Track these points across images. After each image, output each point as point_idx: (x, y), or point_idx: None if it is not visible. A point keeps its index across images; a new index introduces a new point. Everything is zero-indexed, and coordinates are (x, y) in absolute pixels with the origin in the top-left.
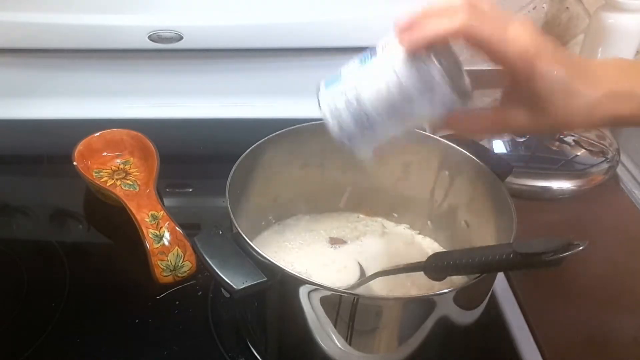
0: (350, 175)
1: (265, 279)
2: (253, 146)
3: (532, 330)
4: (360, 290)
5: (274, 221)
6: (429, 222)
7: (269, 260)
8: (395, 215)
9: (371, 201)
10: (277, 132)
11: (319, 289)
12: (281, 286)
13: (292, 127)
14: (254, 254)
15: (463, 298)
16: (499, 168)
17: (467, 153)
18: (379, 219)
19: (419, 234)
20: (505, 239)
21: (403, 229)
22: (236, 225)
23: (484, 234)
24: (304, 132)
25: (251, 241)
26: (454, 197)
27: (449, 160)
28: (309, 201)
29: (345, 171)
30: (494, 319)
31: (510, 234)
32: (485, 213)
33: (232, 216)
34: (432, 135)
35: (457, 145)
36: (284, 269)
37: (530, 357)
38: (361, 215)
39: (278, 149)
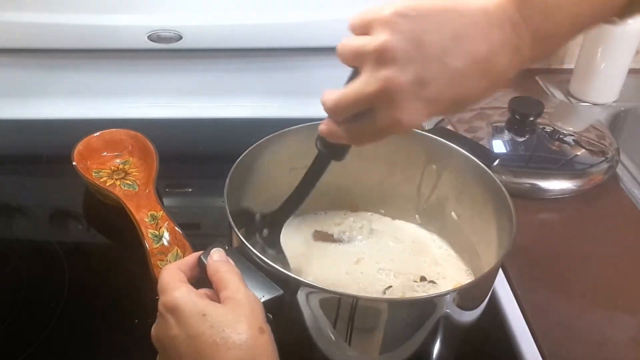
0: (335, 174)
1: (282, 292)
2: (251, 147)
3: (532, 330)
4: (360, 293)
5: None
6: (416, 216)
7: (284, 273)
8: (382, 211)
9: (358, 199)
10: (274, 134)
11: (318, 291)
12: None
13: (287, 129)
14: (265, 266)
15: (463, 299)
16: (483, 157)
17: (453, 145)
18: (367, 214)
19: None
20: (503, 223)
21: (390, 221)
22: (236, 231)
23: (476, 222)
24: (293, 134)
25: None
26: (442, 189)
27: (435, 154)
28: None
29: (329, 171)
30: (494, 318)
31: (505, 219)
32: (477, 203)
33: (230, 218)
34: (417, 131)
35: (443, 139)
36: (300, 280)
37: (530, 357)
38: (348, 213)
39: (276, 150)
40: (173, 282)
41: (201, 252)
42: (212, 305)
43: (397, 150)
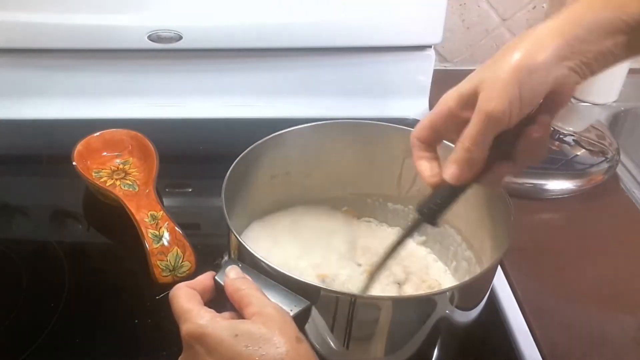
0: (315, 178)
1: (308, 302)
2: (251, 147)
3: (532, 330)
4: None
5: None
6: (399, 206)
7: (307, 283)
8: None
9: (339, 195)
10: (273, 134)
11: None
12: None
13: (287, 130)
14: (284, 278)
15: (462, 297)
16: None
17: None
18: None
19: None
20: (500, 220)
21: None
22: (234, 232)
23: (476, 227)
24: (293, 135)
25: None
26: (422, 182)
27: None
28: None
29: (309, 175)
30: (493, 318)
31: (502, 215)
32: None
33: (227, 219)
34: (393, 125)
35: None
36: (323, 288)
37: (530, 357)
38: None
39: (276, 150)
40: (192, 307)
41: (212, 272)
42: (241, 323)
43: (375, 146)
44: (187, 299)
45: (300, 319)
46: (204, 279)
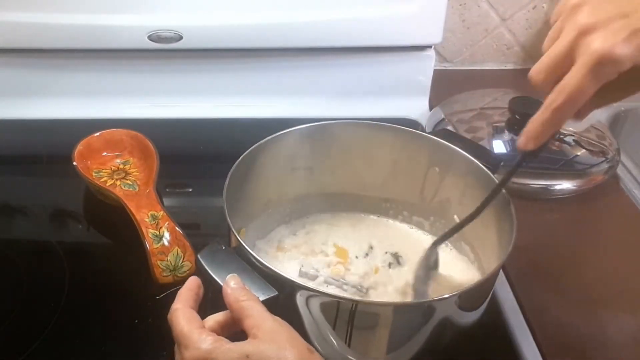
0: (338, 176)
1: (276, 293)
2: (252, 147)
3: (532, 330)
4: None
5: (280, 222)
6: (420, 219)
7: (278, 274)
8: (386, 214)
9: (361, 202)
10: (274, 134)
11: (317, 294)
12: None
13: (290, 129)
14: (261, 267)
15: (464, 301)
16: (487, 162)
17: (457, 149)
18: (370, 217)
19: (412, 228)
20: (504, 225)
21: (399, 223)
22: (234, 232)
23: (477, 224)
24: (293, 135)
25: (253, 247)
26: (445, 192)
27: (438, 157)
28: (298, 202)
29: (333, 173)
30: (493, 318)
31: (505, 220)
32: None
33: (228, 219)
34: (420, 132)
35: (447, 142)
36: (295, 282)
37: (530, 357)
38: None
39: (276, 150)
40: (193, 331)
41: (197, 278)
42: (248, 343)
43: (401, 152)
44: (186, 321)
45: (267, 307)
46: (192, 286)
